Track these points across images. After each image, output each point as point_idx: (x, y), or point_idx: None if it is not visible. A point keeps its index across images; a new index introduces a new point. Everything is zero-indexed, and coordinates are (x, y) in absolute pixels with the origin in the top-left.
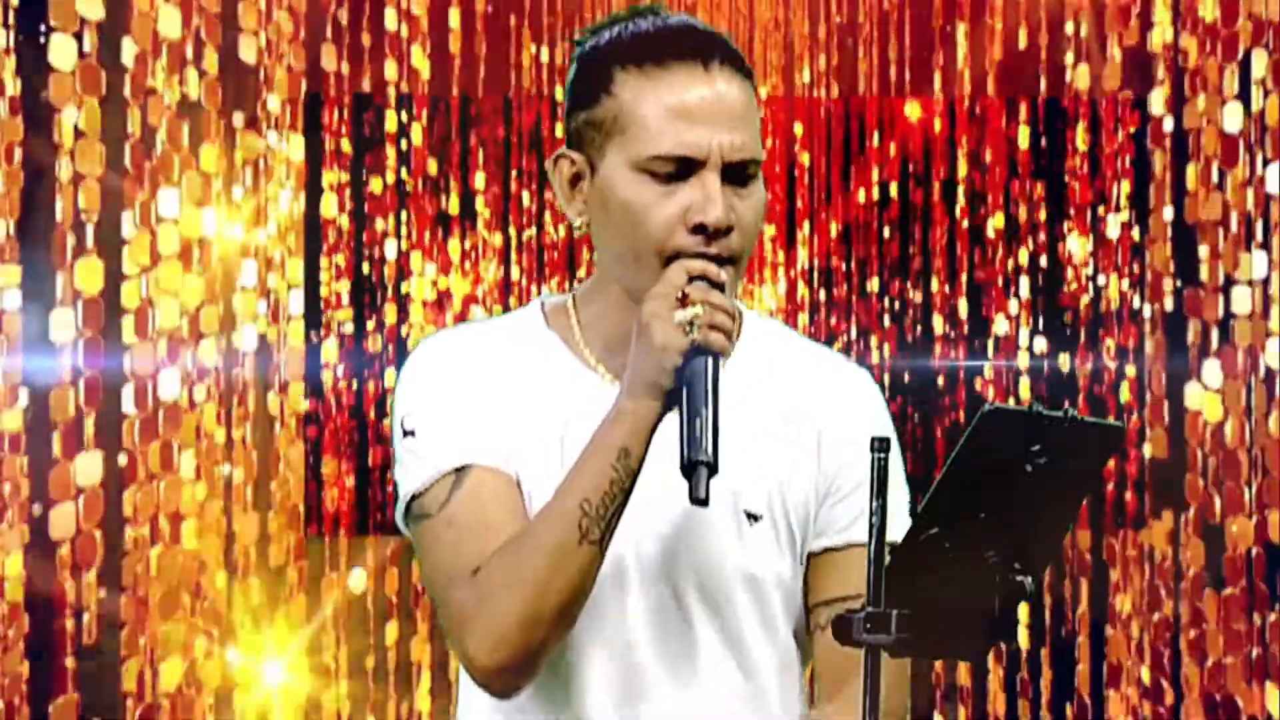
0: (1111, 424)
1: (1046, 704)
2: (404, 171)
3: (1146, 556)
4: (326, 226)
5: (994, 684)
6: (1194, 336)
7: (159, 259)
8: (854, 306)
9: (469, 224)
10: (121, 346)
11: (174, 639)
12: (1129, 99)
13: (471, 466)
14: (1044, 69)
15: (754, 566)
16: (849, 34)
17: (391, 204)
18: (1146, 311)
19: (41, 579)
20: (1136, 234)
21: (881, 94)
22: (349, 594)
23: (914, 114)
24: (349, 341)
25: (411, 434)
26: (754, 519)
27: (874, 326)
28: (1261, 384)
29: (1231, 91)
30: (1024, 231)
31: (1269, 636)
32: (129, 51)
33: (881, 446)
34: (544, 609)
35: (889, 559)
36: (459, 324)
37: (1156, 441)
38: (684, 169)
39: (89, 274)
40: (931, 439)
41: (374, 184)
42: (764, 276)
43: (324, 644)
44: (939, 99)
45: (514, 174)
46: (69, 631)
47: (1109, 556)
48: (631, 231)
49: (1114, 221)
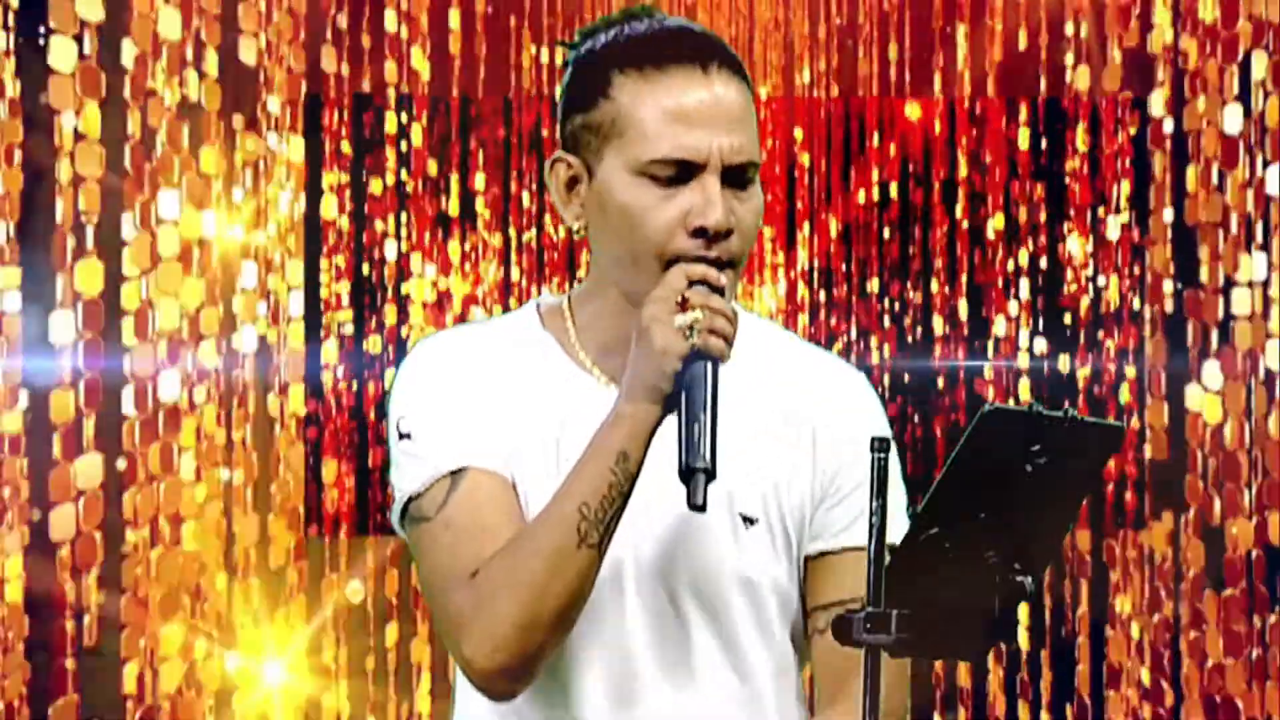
0: (1111, 424)
1: (1046, 705)
2: (404, 173)
3: (1146, 558)
4: (326, 228)
5: (994, 685)
6: (1194, 338)
7: (159, 261)
8: (854, 307)
9: (469, 225)
10: (121, 348)
11: (174, 640)
12: (1129, 100)
13: (468, 469)
14: (1044, 70)
15: (750, 570)
16: (849, 34)
17: (391, 205)
18: (1146, 313)
19: (42, 580)
20: (1136, 235)
21: (881, 94)
22: (349, 596)
23: (914, 115)
24: (349, 343)
25: (408, 436)
26: (750, 522)
27: (874, 327)
28: (1261, 385)
29: (1231, 93)
30: (1024, 232)
31: (1269, 638)
32: (129, 53)
33: (881, 446)
34: (542, 612)
35: (889, 559)
36: (454, 326)
37: (1156, 443)
38: (683, 172)
39: (89, 276)
40: (931, 439)
41: (374, 185)
42: (764, 277)
43: (324, 645)
44: (939, 100)
45: (514, 175)
46: (69, 633)
47: (1109, 558)
48: (630, 235)
49: (1114, 223)
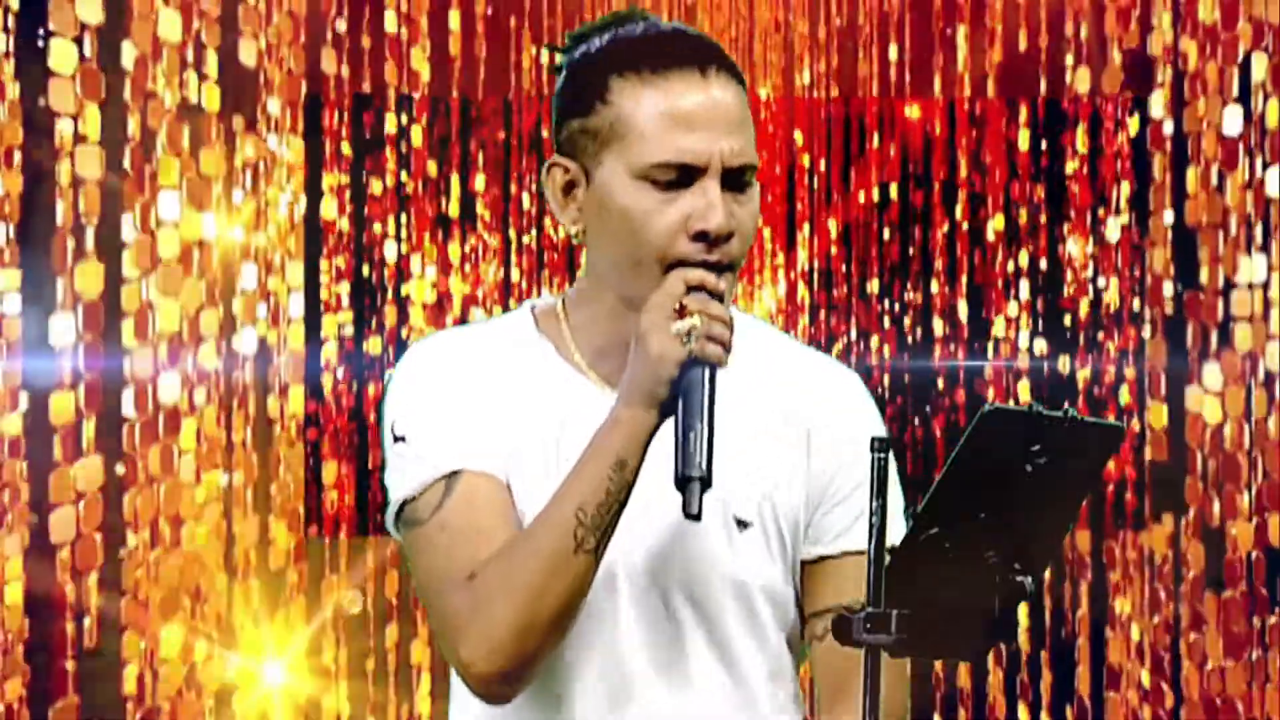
0: (1111, 424)
1: (1046, 706)
2: (404, 174)
3: (1146, 559)
4: (326, 229)
5: (994, 686)
6: (1194, 339)
7: (159, 262)
8: (854, 308)
9: (469, 226)
10: (121, 350)
11: (174, 642)
12: (1129, 101)
13: (463, 472)
14: (1044, 71)
15: (743, 573)
16: (849, 35)
17: (391, 206)
18: (1146, 314)
19: (42, 582)
20: (1136, 236)
21: (882, 95)
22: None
23: (914, 115)
24: (349, 344)
25: (403, 439)
26: (743, 525)
27: (874, 328)
28: (1261, 387)
29: (1231, 94)
30: (1024, 233)
31: (1269, 640)
32: (129, 55)
33: (881, 446)
34: (539, 617)
35: (889, 559)
36: (447, 328)
37: (1156, 444)
38: (684, 176)
39: (89, 277)
40: (931, 440)
41: (374, 186)
42: (764, 278)
43: (324, 646)
44: (939, 100)
45: (514, 176)
46: (69, 635)
47: (1109, 559)
48: (631, 239)
49: (1114, 224)
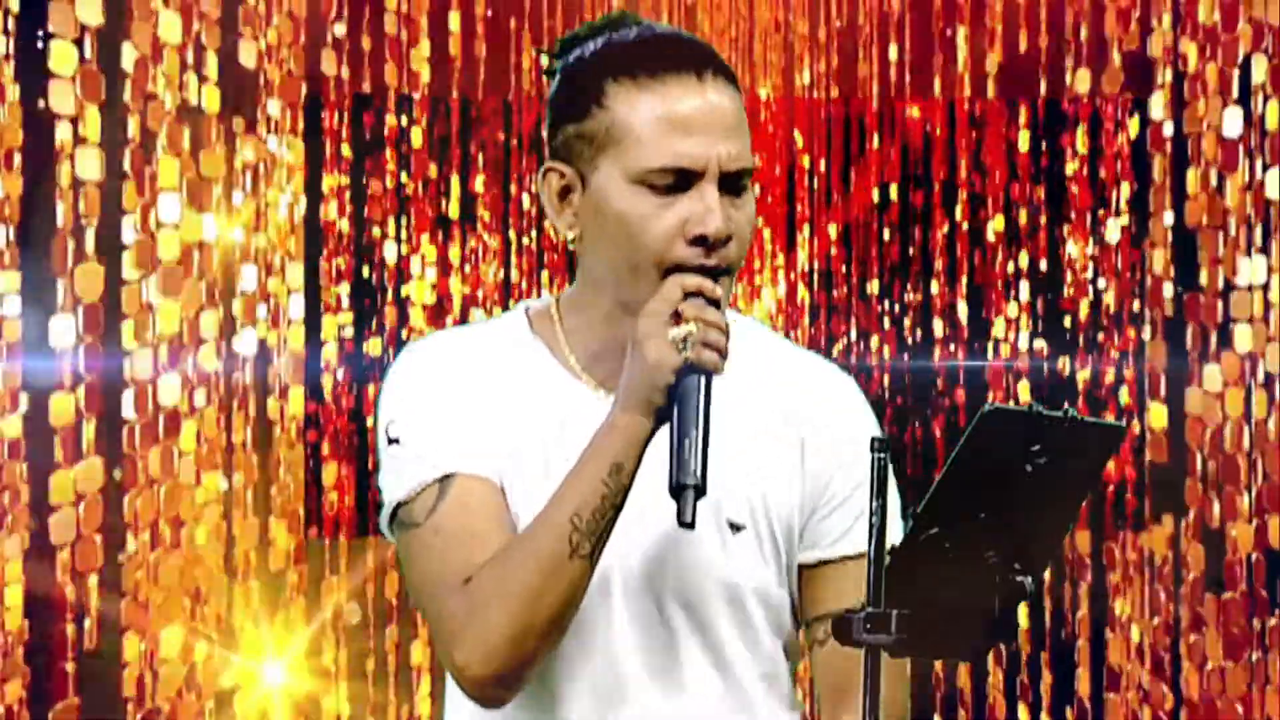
0: (1111, 424)
1: (1046, 708)
2: (404, 175)
3: (1146, 560)
4: (326, 230)
5: (994, 687)
6: (1193, 341)
7: (159, 264)
8: (854, 308)
9: (469, 227)
10: (121, 351)
11: (174, 643)
12: (1129, 103)
13: (457, 475)
14: (1044, 72)
15: (735, 575)
16: (849, 36)
17: (391, 207)
18: (1146, 315)
19: (42, 584)
20: (1136, 238)
21: (882, 96)
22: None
23: (914, 116)
24: (349, 345)
25: (396, 441)
26: (736, 529)
27: (874, 328)
28: (1261, 388)
29: (1231, 96)
30: (1024, 234)
31: (1269, 641)
32: (129, 57)
33: (881, 446)
34: (534, 622)
35: (889, 559)
36: (442, 329)
37: (1156, 445)
38: (681, 181)
39: (89, 279)
40: (931, 440)
41: (374, 187)
42: (764, 279)
43: (324, 647)
44: (939, 101)
45: (514, 177)
46: (69, 636)
47: (1109, 560)
48: (629, 244)
49: (1114, 225)
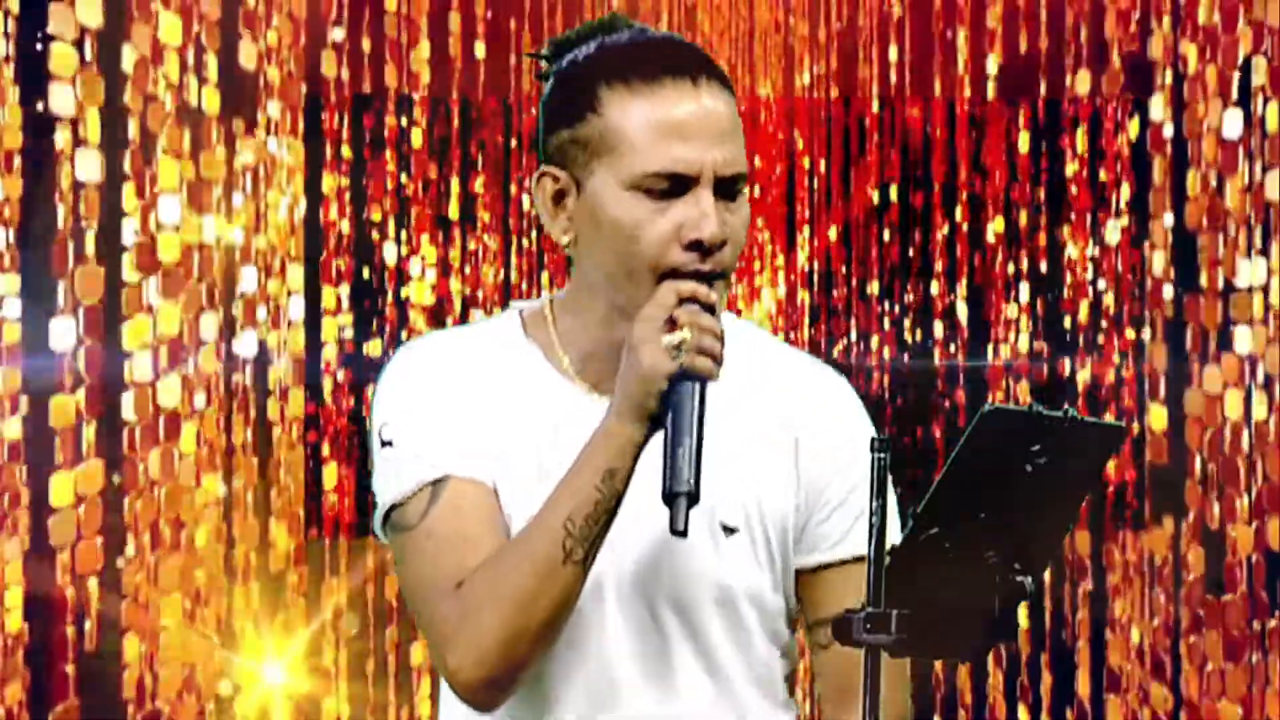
0: (1112, 424)
1: (1046, 709)
2: (404, 176)
3: (1146, 562)
4: (327, 231)
5: (994, 688)
6: (1193, 342)
7: (159, 266)
8: (854, 309)
9: (469, 228)
10: (122, 353)
11: (175, 645)
12: (1129, 104)
13: (450, 478)
14: (1044, 73)
15: (728, 579)
16: (849, 37)
17: (391, 208)
18: (1146, 317)
19: (42, 585)
20: (1136, 239)
21: (882, 97)
22: (349, 595)
23: (914, 117)
24: (349, 346)
25: (389, 444)
26: (730, 532)
27: (874, 329)
28: (1261, 390)
29: (1231, 97)
30: (1024, 236)
31: (1269, 643)
32: (129, 58)
33: (881, 446)
34: (527, 626)
35: (889, 559)
36: (437, 330)
37: (1156, 447)
38: (676, 186)
39: (89, 281)
40: (931, 440)
41: (374, 189)
42: (764, 279)
43: (324, 648)
44: (939, 102)
45: (514, 178)
46: (70, 638)
47: (1109, 562)
48: (624, 249)
49: (1114, 226)
